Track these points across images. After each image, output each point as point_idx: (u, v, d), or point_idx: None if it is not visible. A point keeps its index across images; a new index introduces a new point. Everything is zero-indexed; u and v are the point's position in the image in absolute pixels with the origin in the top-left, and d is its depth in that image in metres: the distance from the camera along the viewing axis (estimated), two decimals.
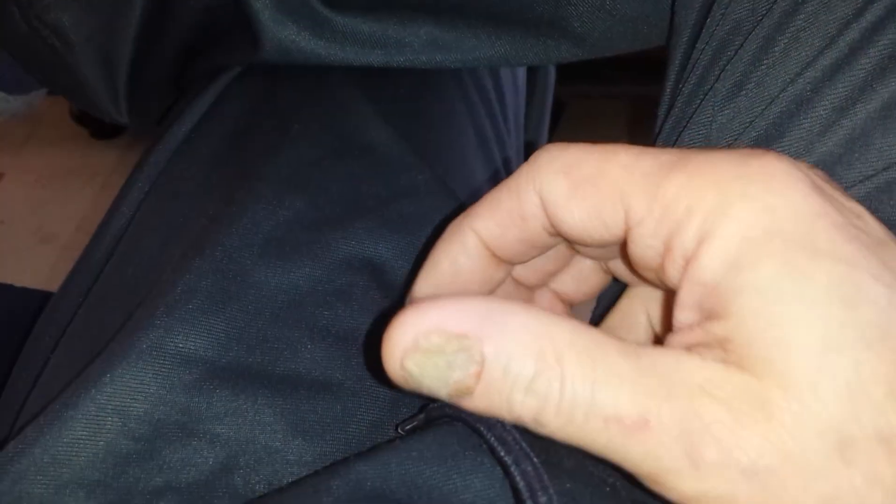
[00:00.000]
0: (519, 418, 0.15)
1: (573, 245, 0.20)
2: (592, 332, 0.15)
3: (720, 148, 0.17)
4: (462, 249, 0.19)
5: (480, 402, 0.15)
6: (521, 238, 0.18)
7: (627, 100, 1.12)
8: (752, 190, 0.14)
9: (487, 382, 0.15)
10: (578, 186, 0.16)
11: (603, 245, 0.18)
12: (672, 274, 0.16)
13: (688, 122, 0.23)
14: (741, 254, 0.14)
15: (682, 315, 0.15)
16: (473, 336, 0.15)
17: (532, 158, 0.17)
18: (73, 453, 0.21)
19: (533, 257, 0.20)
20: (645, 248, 0.16)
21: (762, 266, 0.14)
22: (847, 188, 0.20)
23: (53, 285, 0.33)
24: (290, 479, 0.23)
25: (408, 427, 0.21)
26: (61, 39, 0.35)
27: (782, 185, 0.14)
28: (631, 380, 0.14)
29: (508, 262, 0.20)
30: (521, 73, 0.48)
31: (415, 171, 0.30)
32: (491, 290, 0.21)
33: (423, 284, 0.20)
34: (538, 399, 0.15)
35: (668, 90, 0.26)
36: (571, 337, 0.15)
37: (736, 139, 0.22)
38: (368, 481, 0.17)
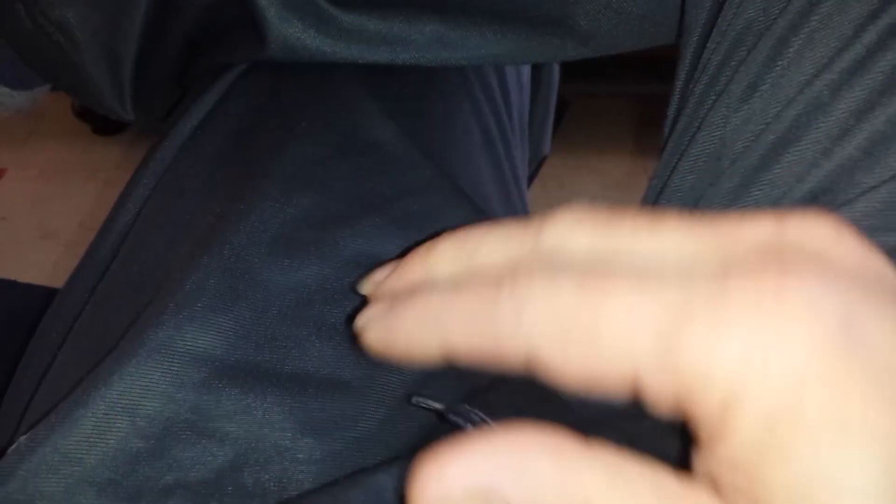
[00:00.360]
0: None
1: None
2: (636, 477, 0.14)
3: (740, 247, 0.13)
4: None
5: None
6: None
7: (631, 98, 1.13)
8: (772, 353, 0.12)
9: None
10: (571, 345, 0.14)
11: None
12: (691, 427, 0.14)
13: (700, 123, 0.23)
14: (768, 436, 0.12)
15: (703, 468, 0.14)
16: (506, 493, 0.14)
17: (516, 294, 0.15)
18: (84, 451, 0.21)
19: None
20: (655, 396, 0.14)
21: (792, 454, 0.12)
22: (866, 192, 0.20)
23: (55, 281, 0.34)
24: (299, 478, 0.23)
25: (422, 403, 0.21)
26: (66, 36, 0.35)
27: (804, 338, 0.12)
28: None
29: None
30: (526, 70, 0.47)
31: (421, 168, 0.30)
32: None
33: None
34: None
35: (678, 90, 0.26)
36: (603, 485, 0.13)
37: (752, 141, 0.22)
38: (388, 492, 0.17)
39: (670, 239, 0.14)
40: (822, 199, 0.21)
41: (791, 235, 0.13)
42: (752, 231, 0.14)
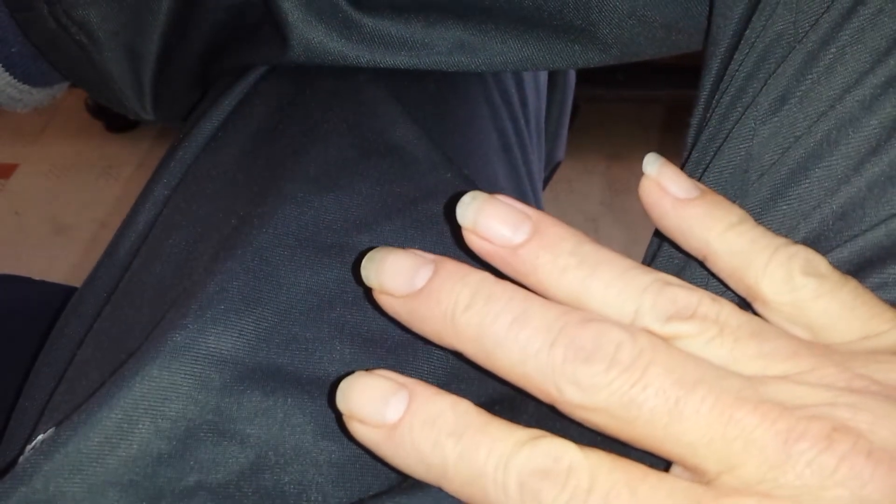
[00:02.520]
0: None
1: None
2: None
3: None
4: None
5: None
6: None
7: (641, 103, 1.12)
8: None
9: None
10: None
11: None
12: None
13: (727, 135, 0.23)
14: None
15: None
16: None
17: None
18: (106, 452, 0.22)
19: None
20: None
21: None
22: None
23: (67, 276, 0.34)
24: (319, 481, 0.23)
25: None
26: (88, 36, 0.35)
27: None
28: None
29: None
30: (543, 74, 0.47)
31: (442, 171, 0.30)
32: None
33: None
34: None
35: (703, 101, 0.26)
36: None
37: (780, 156, 0.22)
38: None
39: (690, 426, 0.16)
40: (851, 215, 0.21)
41: (794, 467, 0.15)
42: (760, 447, 0.15)
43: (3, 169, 1.10)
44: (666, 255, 0.25)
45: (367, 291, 0.20)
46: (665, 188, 0.20)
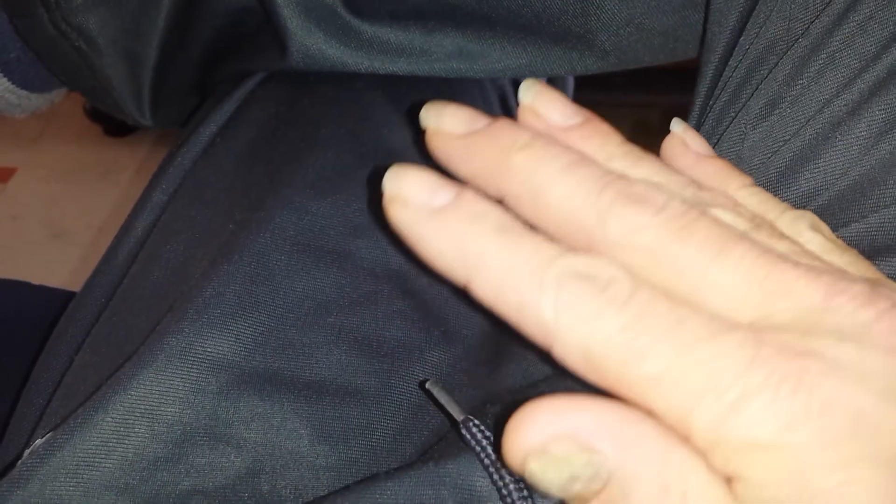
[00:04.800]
0: None
1: None
2: (725, 490, 0.15)
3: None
4: None
5: None
6: None
7: (638, 108, 1.13)
8: (783, 437, 0.14)
9: (606, 500, 0.15)
10: (599, 362, 0.15)
11: None
12: None
13: (719, 139, 0.24)
14: None
15: None
16: (605, 455, 0.14)
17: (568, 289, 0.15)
18: (102, 456, 0.22)
19: None
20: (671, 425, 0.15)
21: None
22: (882, 208, 0.20)
23: (65, 281, 0.34)
24: (315, 485, 0.23)
25: (437, 396, 0.21)
26: (87, 41, 0.35)
27: (815, 429, 0.14)
28: None
29: None
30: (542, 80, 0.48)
31: None
32: None
33: None
34: None
35: (698, 106, 0.26)
36: (703, 482, 0.14)
37: (769, 158, 0.22)
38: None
39: (729, 274, 0.15)
40: (839, 216, 0.21)
41: (833, 316, 0.15)
42: (803, 293, 0.15)
43: (1, 173, 1.11)
44: None
45: (383, 226, 0.19)
46: (689, 145, 0.20)
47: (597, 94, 1.02)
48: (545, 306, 0.15)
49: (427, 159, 0.31)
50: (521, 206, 0.17)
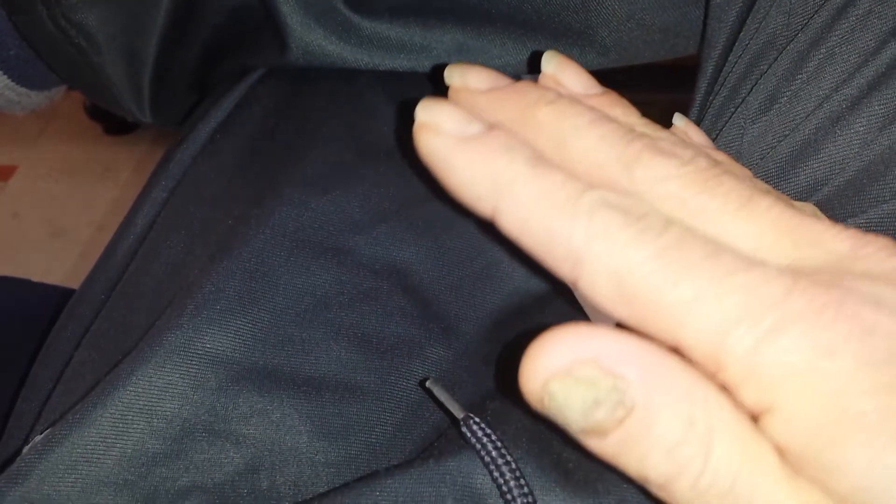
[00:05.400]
0: (645, 478, 0.14)
1: None
2: (753, 426, 0.14)
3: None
4: None
5: (611, 448, 0.14)
6: None
7: (638, 105, 1.13)
8: (822, 365, 0.13)
9: (627, 432, 0.14)
10: (625, 295, 0.15)
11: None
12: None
13: (718, 134, 0.24)
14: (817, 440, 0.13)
15: None
16: (631, 380, 0.14)
17: (595, 220, 0.15)
18: (101, 452, 0.22)
19: None
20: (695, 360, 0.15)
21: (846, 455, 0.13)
22: (881, 203, 0.20)
23: (64, 278, 0.34)
24: (314, 481, 0.23)
25: (433, 389, 0.21)
26: (87, 39, 0.35)
27: (853, 360, 0.13)
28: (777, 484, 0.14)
29: None
30: None
31: None
32: None
33: None
34: (675, 467, 0.14)
35: (698, 102, 0.26)
36: (730, 417, 0.14)
37: (768, 153, 0.22)
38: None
39: (757, 222, 0.15)
40: (837, 211, 0.21)
41: (863, 263, 0.14)
42: (831, 243, 0.15)
43: (1, 171, 1.11)
44: None
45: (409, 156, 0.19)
46: (692, 139, 0.21)
47: None
48: (577, 233, 0.15)
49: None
50: (549, 151, 0.17)
